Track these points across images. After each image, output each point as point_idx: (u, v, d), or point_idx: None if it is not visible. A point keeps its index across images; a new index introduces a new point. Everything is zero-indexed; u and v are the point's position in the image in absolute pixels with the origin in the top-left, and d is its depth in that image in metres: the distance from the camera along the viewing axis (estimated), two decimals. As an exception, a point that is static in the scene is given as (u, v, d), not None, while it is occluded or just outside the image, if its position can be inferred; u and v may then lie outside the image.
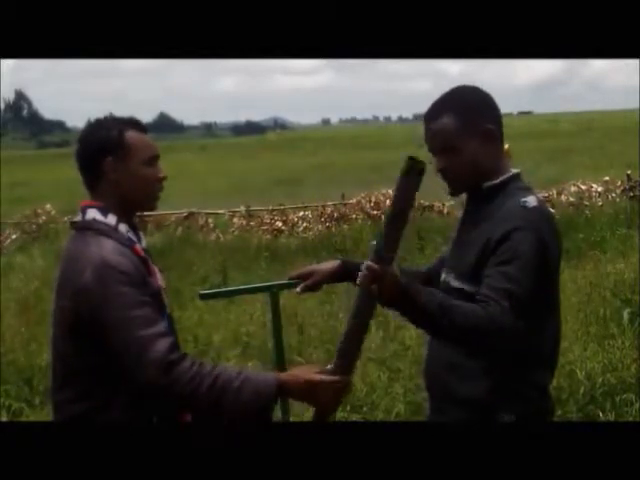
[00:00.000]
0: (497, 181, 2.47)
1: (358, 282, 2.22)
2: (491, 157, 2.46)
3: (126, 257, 2.38)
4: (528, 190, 2.47)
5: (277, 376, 2.35)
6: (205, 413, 2.30)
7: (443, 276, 2.57)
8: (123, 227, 2.46)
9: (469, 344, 2.30)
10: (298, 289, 2.81)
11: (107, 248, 2.37)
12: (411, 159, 2.16)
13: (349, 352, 2.30)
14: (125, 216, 2.48)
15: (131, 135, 2.46)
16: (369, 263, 2.17)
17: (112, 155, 2.44)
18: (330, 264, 2.81)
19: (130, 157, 2.45)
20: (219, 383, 2.26)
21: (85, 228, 2.45)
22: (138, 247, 2.47)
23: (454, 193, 2.56)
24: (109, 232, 2.42)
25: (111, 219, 2.45)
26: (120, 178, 2.46)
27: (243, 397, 2.26)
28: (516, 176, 2.51)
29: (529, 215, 2.36)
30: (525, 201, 2.39)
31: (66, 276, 2.40)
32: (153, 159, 2.50)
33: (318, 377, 2.32)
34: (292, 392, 2.33)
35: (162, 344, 2.27)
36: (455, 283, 2.48)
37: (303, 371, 2.38)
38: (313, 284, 2.79)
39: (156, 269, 2.53)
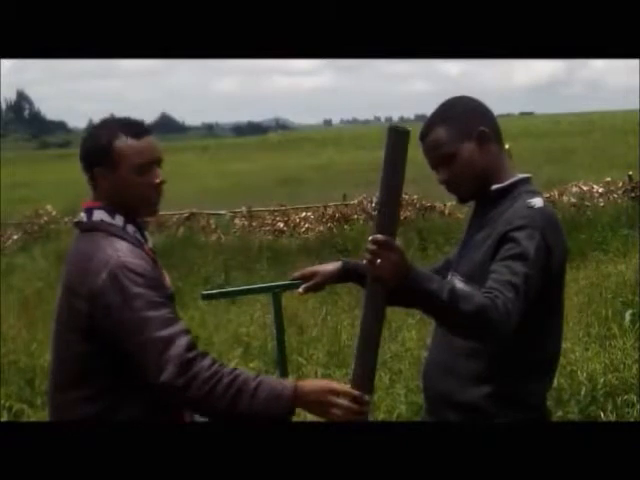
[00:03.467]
0: (505, 184, 2.48)
1: (365, 263, 2.18)
2: (490, 158, 2.47)
3: (142, 258, 2.38)
4: (536, 193, 2.47)
5: (295, 381, 2.32)
6: (220, 414, 2.28)
7: (449, 278, 2.57)
8: (131, 228, 2.46)
9: (471, 331, 2.26)
10: (300, 290, 2.81)
11: (122, 250, 2.37)
12: (393, 128, 2.11)
13: (366, 360, 2.24)
14: (130, 217, 2.48)
15: (121, 143, 2.42)
16: (373, 236, 2.14)
17: (101, 165, 2.43)
18: (332, 265, 2.81)
19: (119, 166, 2.42)
20: (236, 383, 2.25)
21: (93, 229, 2.44)
22: (147, 248, 2.47)
23: (463, 200, 2.58)
24: (119, 233, 2.42)
25: (119, 220, 2.44)
26: (111, 186, 2.44)
27: (259, 399, 2.24)
28: (525, 180, 2.51)
29: (534, 215, 2.37)
30: (531, 202, 2.41)
31: (79, 277, 2.38)
32: (147, 165, 2.45)
33: (337, 385, 2.29)
34: (309, 397, 2.26)
35: (181, 342, 2.28)
36: (460, 285, 2.48)
37: (321, 380, 2.37)
38: (315, 285, 2.79)
39: (164, 271, 2.54)
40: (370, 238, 2.15)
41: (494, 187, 2.48)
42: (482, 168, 2.47)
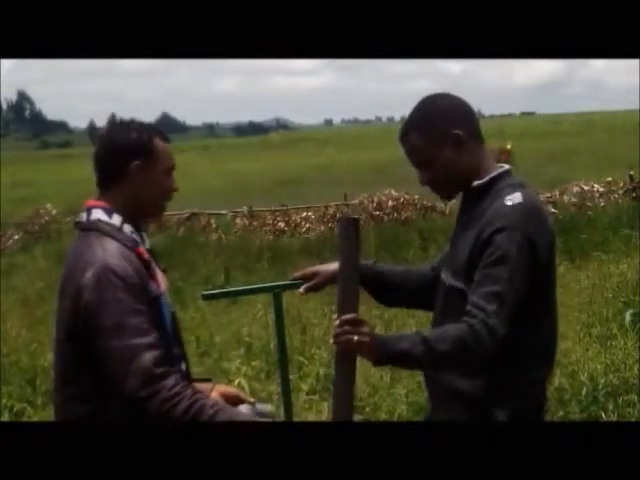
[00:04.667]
0: (485, 180, 2.49)
1: (334, 344, 2.34)
2: (469, 157, 2.49)
3: (129, 262, 2.38)
4: (517, 187, 2.47)
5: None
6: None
7: (442, 275, 2.59)
8: (127, 228, 2.46)
9: (455, 364, 2.40)
10: (301, 290, 2.82)
11: (110, 251, 2.37)
12: (342, 218, 2.41)
13: (343, 404, 2.37)
14: (130, 218, 2.48)
15: (158, 143, 2.50)
16: (340, 319, 2.31)
17: (140, 159, 2.46)
18: (333, 265, 2.81)
19: (155, 164, 2.48)
20: (193, 409, 2.31)
21: (90, 229, 2.45)
22: (142, 249, 2.47)
23: (446, 199, 2.63)
24: (113, 233, 2.42)
25: (116, 219, 2.45)
26: (143, 183, 2.47)
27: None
28: (505, 173, 2.52)
29: (513, 213, 2.38)
30: (510, 199, 2.41)
31: (68, 275, 2.41)
32: (172, 169, 2.55)
33: None
34: None
35: (149, 355, 2.31)
36: (450, 281, 2.51)
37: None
38: (316, 285, 2.79)
39: (158, 271, 2.53)
40: (337, 322, 2.32)
41: (475, 184, 2.50)
42: (461, 169, 2.49)
